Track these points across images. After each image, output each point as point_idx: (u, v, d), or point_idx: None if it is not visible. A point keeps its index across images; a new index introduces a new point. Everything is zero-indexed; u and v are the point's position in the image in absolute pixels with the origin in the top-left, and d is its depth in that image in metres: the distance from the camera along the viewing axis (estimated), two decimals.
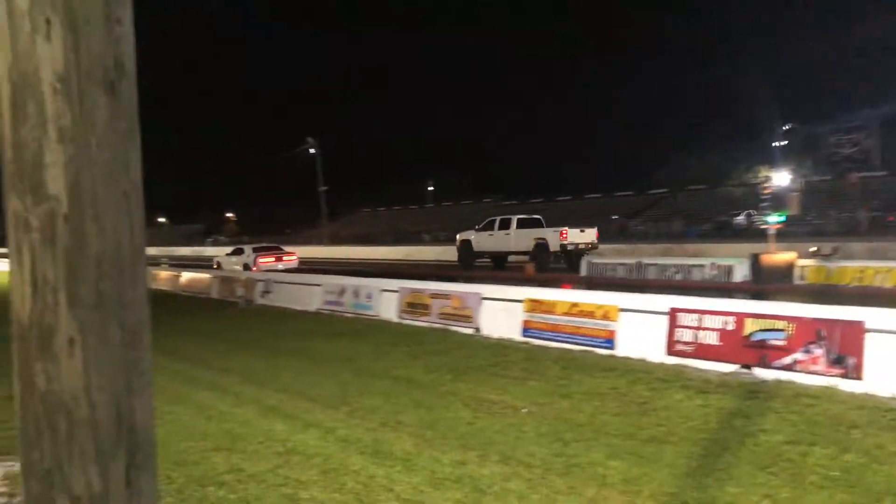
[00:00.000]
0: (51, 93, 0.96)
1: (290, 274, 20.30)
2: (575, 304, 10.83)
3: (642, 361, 9.47)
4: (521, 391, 8.03)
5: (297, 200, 74.09)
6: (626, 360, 9.57)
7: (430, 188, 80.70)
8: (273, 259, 31.65)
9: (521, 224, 27.00)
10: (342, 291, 16.13)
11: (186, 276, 24.57)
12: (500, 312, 12.06)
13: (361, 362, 10.10)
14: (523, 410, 7.23)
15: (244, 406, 7.65)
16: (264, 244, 36.05)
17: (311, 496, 4.91)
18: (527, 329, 11.42)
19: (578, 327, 10.64)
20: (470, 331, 12.37)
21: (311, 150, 51.81)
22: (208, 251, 53.30)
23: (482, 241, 28.34)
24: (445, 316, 13.05)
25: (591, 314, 10.54)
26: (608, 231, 46.47)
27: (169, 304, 18.84)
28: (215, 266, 31.78)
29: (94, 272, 1.00)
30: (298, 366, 9.95)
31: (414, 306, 13.88)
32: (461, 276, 20.95)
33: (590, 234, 25.92)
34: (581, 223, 27.21)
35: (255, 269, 29.60)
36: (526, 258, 26.37)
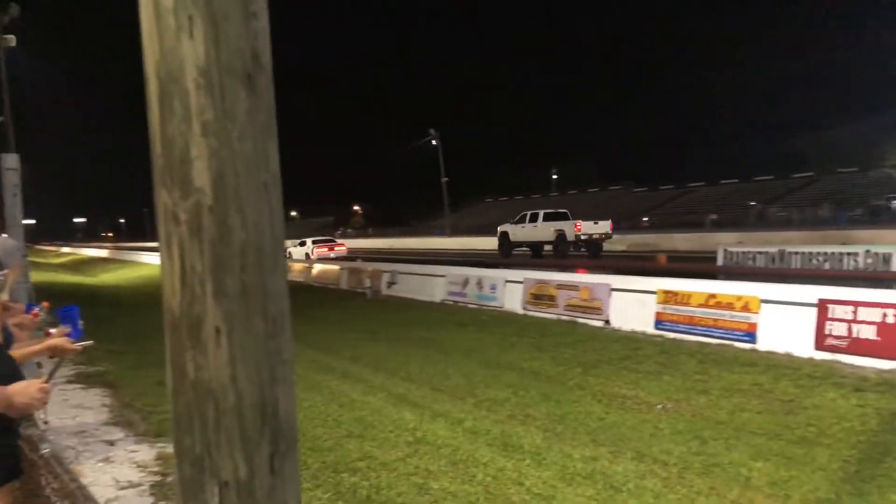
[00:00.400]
0: (194, 88, 0.98)
1: (415, 265, 20.68)
2: (712, 296, 10.26)
3: (787, 356, 8.83)
4: (654, 386, 7.72)
5: (421, 192, 75.61)
6: (769, 355, 8.96)
7: (554, 176, 79.49)
8: (326, 249, 38.89)
9: (547, 217, 29.95)
10: (466, 282, 16.24)
11: (318, 267, 25.72)
12: (631, 304, 11.66)
13: (487, 354, 10.11)
14: (658, 406, 6.94)
15: (374, 394, 7.87)
16: (321, 237, 43.47)
17: (441, 486, 4.96)
18: (660, 321, 10.97)
19: (716, 319, 10.08)
20: (599, 323, 12.06)
21: (434, 142, 52.58)
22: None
23: (517, 232, 31.13)
24: (573, 307, 12.80)
25: (729, 306, 9.94)
26: (744, 218, 43.87)
27: (301, 295, 19.80)
28: (287, 255, 36.14)
29: (238, 263, 1.02)
30: (425, 356, 10.12)
31: (539, 297, 13.72)
32: (587, 266, 20.49)
33: (603, 226, 28.52)
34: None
35: (313, 256, 36.87)
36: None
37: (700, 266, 20.39)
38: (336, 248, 39.52)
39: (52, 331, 3.43)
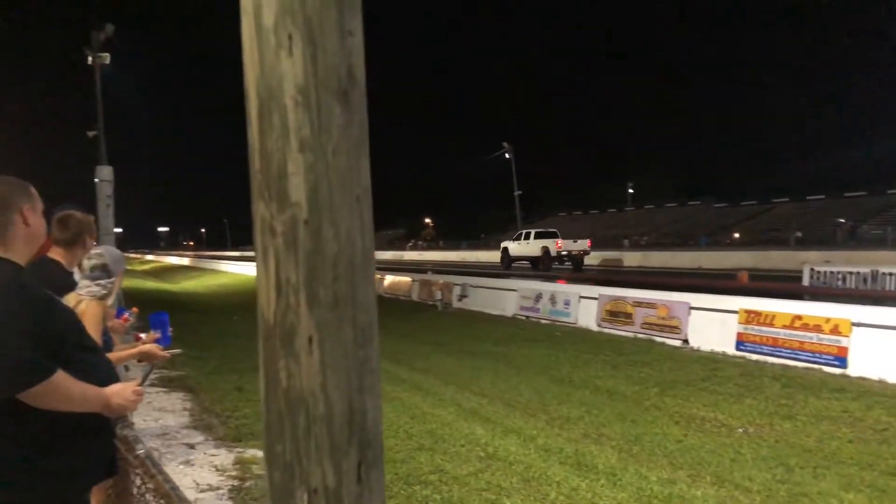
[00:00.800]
0: (292, 105, 1.01)
1: (487, 278, 20.66)
2: (798, 317, 9.80)
3: (881, 383, 8.33)
4: (735, 409, 7.42)
5: (492, 205, 75.57)
6: (861, 381, 8.48)
7: (630, 191, 77.92)
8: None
9: (537, 236, 34.81)
10: (539, 297, 16.09)
11: (389, 278, 26.04)
12: (711, 323, 11.28)
13: (560, 370, 9.97)
14: (739, 430, 6.67)
15: (445, 407, 7.87)
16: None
17: None
18: (741, 342, 10.55)
19: (802, 342, 9.61)
20: (677, 342, 11.71)
21: (507, 156, 52.50)
22: (407, 255, 56.28)
23: (514, 248, 36.02)
24: (649, 325, 12.48)
25: (817, 328, 9.46)
26: (831, 236, 41.77)
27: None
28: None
29: (331, 274, 1.04)
30: (496, 370, 10.07)
31: (615, 314, 13.45)
32: (645, 282, 19.94)
33: (581, 244, 32.92)
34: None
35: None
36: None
37: (785, 286, 19.53)
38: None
39: (143, 335, 3.60)
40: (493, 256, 49.80)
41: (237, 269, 48.34)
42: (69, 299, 2.65)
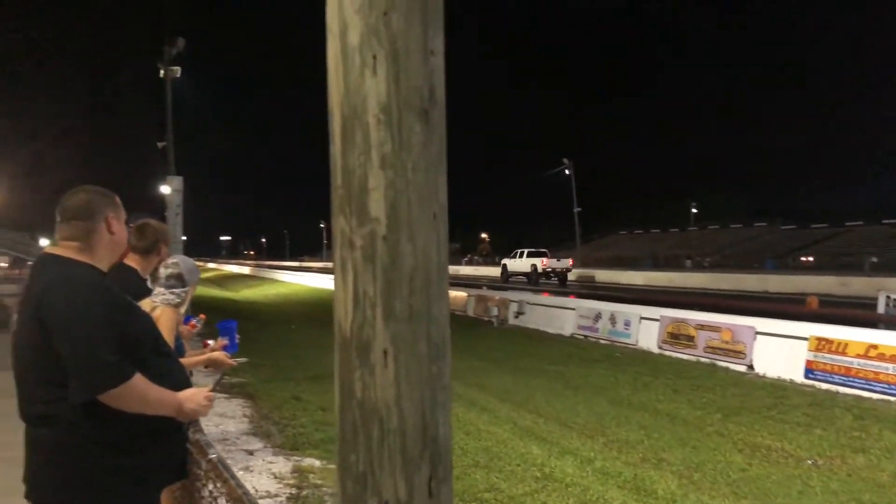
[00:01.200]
0: (374, 123, 1.04)
1: (544, 296, 20.47)
2: (873, 346, 9.36)
3: None
4: (804, 440, 7.12)
5: (550, 221, 74.94)
6: None
7: (694, 210, 76.06)
8: None
9: (528, 255, 40.88)
10: (598, 317, 15.84)
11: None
12: (779, 349, 10.87)
13: (618, 392, 9.78)
14: (808, 462, 6.39)
15: (500, 425, 7.81)
16: None
17: None
18: (810, 370, 10.13)
19: (878, 372, 9.17)
20: (741, 367, 11.33)
21: (567, 172, 52.08)
22: (463, 270, 56.27)
23: (511, 264, 42.64)
24: (713, 349, 12.12)
25: (894, 358, 9.01)
26: None
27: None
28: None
29: (407, 288, 1.06)
30: (553, 389, 9.95)
31: (677, 337, 13.11)
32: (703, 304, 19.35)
33: (564, 262, 39.49)
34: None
35: None
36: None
37: (858, 313, 18.67)
38: None
39: (210, 342, 3.71)
40: None
41: (295, 279, 49.32)
42: (143, 305, 2.76)
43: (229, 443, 6.64)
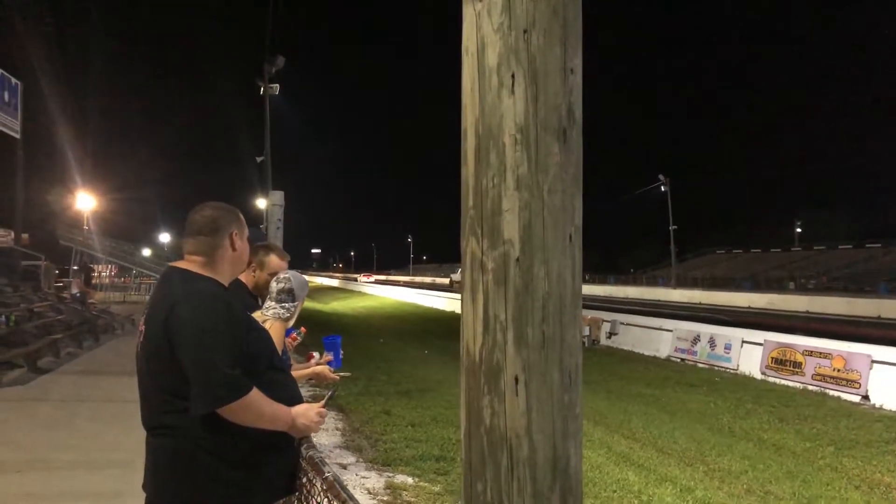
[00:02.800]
0: (511, 143, 1.02)
1: (638, 316, 19.88)
2: None
3: None
4: None
5: (645, 240, 72.96)
6: None
7: (798, 230, 72.14)
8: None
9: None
10: (696, 339, 15.22)
11: None
12: None
13: (719, 419, 9.32)
14: None
15: (594, 449, 7.59)
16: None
17: None
18: None
19: None
20: (855, 398, 10.57)
21: (663, 188, 50.59)
22: None
23: (456, 277, 46.75)
24: (822, 377, 11.38)
25: None
26: None
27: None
28: None
29: (540, 314, 1.03)
30: (649, 414, 9.59)
31: (782, 363, 12.41)
32: (833, 332, 18.14)
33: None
34: None
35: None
36: None
37: None
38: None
39: (315, 354, 3.79)
40: (644, 293, 48.10)
41: (382, 292, 50.16)
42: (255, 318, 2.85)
43: (324, 456, 6.74)
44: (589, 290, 55.07)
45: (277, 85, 22.26)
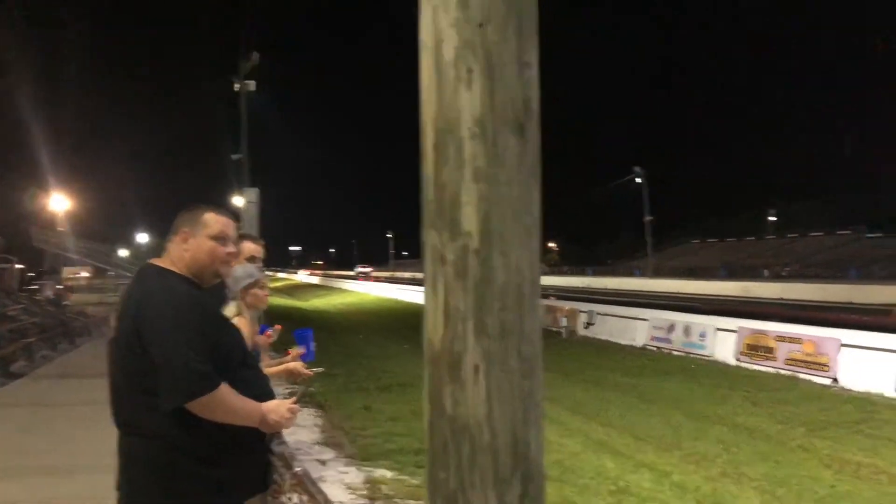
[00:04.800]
0: (468, 136, 1.03)
1: (615, 306, 20.07)
2: None
3: None
4: None
5: (622, 231, 73.43)
6: None
7: (774, 218, 73.02)
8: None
9: (362, 266, 49.03)
10: (671, 328, 15.43)
11: None
12: (867, 362, 10.33)
13: (694, 405, 9.48)
14: None
15: (572, 437, 7.68)
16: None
17: None
18: None
19: None
20: (825, 381, 10.80)
21: (638, 180, 51.02)
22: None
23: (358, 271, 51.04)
24: (794, 362, 11.61)
25: None
26: None
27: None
28: None
29: (499, 304, 1.05)
30: (625, 402, 9.72)
31: (755, 349, 12.63)
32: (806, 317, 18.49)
33: (367, 269, 45.92)
34: None
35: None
36: None
37: None
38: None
39: (291, 351, 3.78)
40: (621, 283, 48.40)
41: (362, 289, 50.09)
42: (228, 312, 2.85)
43: (302, 453, 6.74)
44: (567, 281, 55.38)
45: (253, 82, 22.04)
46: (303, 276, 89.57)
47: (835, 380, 10.71)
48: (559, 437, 7.70)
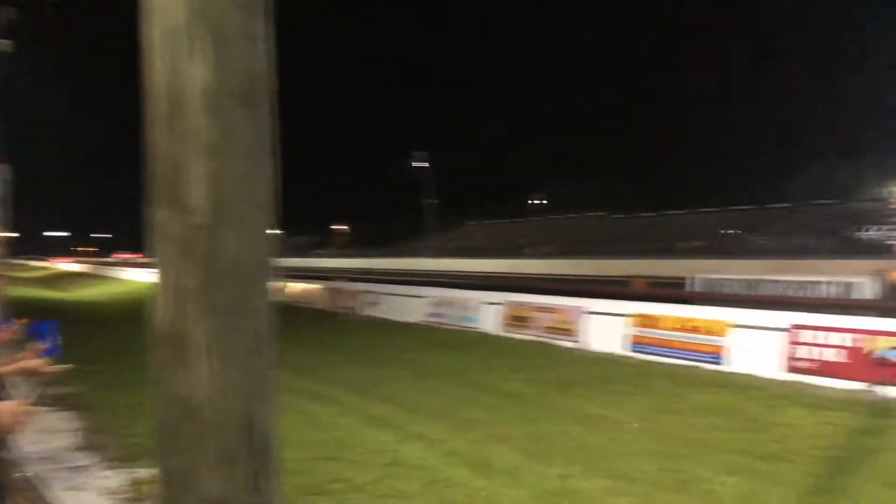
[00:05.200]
0: (196, 109, 1.01)
1: (395, 286, 20.67)
2: (686, 320, 10.44)
3: (755, 378, 9.09)
4: (629, 406, 7.80)
5: (408, 213, 75.50)
6: (738, 377, 9.25)
7: (539, 201, 79.96)
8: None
9: None
10: (445, 303, 16.28)
11: (295, 286, 25.42)
12: (606, 327, 11.82)
13: (466, 375, 10.11)
14: (635, 425, 7.03)
15: (349, 415, 7.79)
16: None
17: None
18: (633, 344, 11.12)
19: (687, 343, 10.27)
20: (574, 344, 12.17)
21: (418, 164, 52.69)
22: (316, 262, 55.48)
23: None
24: (549, 329, 12.91)
25: (701, 330, 10.14)
26: (720, 246, 44.47)
27: (275, 314, 19.52)
28: None
29: (228, 281, 1.05)
30: (402, 377, 10.07)
31: (518, 319, 13.81)
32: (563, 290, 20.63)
33: None
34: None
35: None
36: None
37: (674, 292, 20.60)
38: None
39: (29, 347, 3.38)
40: (405, 264, 49.95)
41: (140, 277, 45.92)
42: None
43: (56, 461, 6.05)
44: (351, 263, 55.80)
45: (9, 41, 18.94)
46: (64, 265, 79.93)
47: (579, 343, 12.14)
48: (336, 416, 7.77)
